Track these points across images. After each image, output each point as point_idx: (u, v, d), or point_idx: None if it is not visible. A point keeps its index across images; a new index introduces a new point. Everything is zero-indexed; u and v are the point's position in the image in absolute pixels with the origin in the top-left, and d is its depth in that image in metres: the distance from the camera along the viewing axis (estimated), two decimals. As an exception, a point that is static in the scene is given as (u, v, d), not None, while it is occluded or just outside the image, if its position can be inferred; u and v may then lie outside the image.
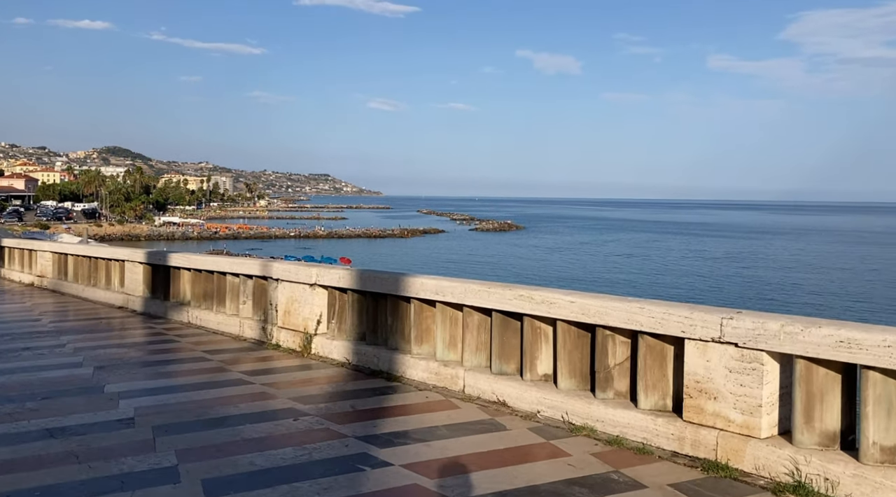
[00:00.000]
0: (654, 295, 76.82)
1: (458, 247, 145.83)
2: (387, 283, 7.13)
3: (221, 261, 9.62)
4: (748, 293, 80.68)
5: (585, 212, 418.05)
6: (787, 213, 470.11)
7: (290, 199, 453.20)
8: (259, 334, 8.89)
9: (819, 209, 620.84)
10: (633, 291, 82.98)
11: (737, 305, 32.93)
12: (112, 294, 12.31)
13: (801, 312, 63.86)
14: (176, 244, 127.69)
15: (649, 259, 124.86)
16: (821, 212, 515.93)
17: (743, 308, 5.07)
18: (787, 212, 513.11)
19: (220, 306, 9.81)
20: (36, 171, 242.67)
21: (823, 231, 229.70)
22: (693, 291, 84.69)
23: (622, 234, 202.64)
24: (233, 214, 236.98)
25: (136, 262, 11.60)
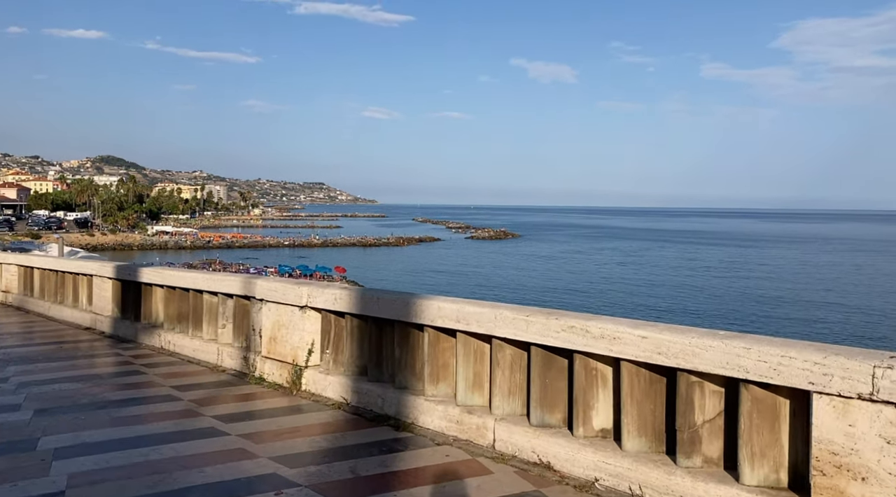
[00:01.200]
0: (647, 306, 75.84)
1: (454, 255, 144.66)
2: (394, 307, 5.81)
3: (198, 277, 8.27)
4: (748, 307, 79.77)
5: (581, 220, 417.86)
6: (782, 221, 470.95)
7: (284, 208, 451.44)
8: (240, 364, 7.55)
9: (814, 217, 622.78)
10: (628, 301, 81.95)
11: (744, 322, 30.78)
12: (79, 313, 10.94)
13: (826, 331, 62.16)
14: (168, 254, 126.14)
15: (643, 267, 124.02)
16: (816, 220, 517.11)
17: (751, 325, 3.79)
18: (782, 220, 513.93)
19: (197, 330, 8.46)
20: (28, 181, 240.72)
21: (823, 239, 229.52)
22: (693, 304, 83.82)
23: (617, 242, 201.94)
24: (227, 223, 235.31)
25: (104, 278, 10.24)
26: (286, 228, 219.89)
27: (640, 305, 79.62)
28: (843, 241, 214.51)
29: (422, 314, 5.54)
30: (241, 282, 7.59)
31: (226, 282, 7.83)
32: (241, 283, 7.59)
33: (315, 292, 6.61)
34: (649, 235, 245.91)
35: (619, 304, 79.91)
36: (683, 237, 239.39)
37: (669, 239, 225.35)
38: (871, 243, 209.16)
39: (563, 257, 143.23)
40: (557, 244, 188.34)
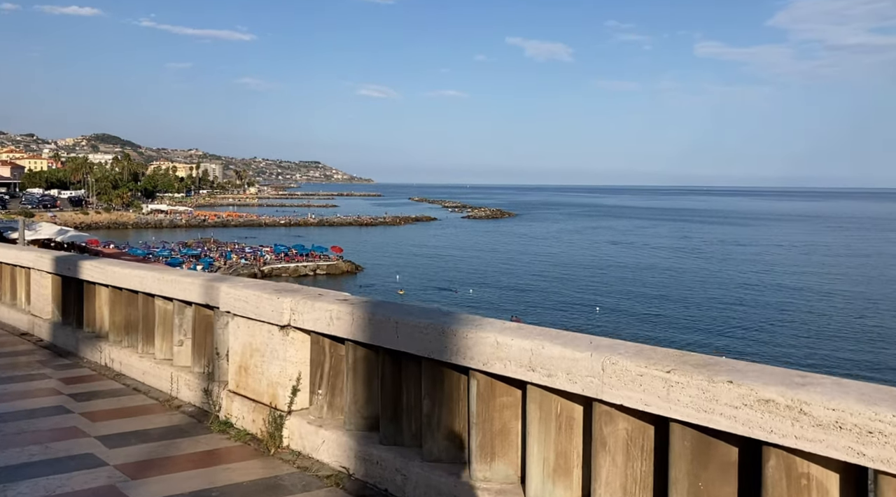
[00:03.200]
0: (634, 293, 73.91)
1: (451, 235, 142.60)
2: (423, 338, 3.75)
3: (148, 277, 6.18)
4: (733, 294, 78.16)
5: (577, 199, 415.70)
6: (776, 199, 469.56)
7: (280, 187, 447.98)
8: (201, 398, 5.51)
9: (807, 195, 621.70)
10: (624, 277, 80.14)
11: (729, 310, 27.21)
12: (17, 314, 8.89)
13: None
14: (163, 232, 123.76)
15: (635, 247, 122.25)
16: (809, 197, 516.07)
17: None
18: (776, 198, 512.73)
19: (148, 345, 6.41)
20: (23, 159, 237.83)
21: (823, 217, 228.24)
22: (678, 290, 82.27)
23: (612, 220, 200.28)
24: (222, 202, 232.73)
25: (42, 272, 8.17)
26: (282, 207, 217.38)
27: (630, 293, 78.03)
28: (843, 220, 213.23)
29: (468, 352, 3.49)
30: (202, 285, 5.52)
31: (181, 283, 5.75)
32: (202, 287, 5.52)
33: (301, 306, 4.55)
34: (644, 214, 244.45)
35: (608, 292, 78.26)
36: (677, 215, 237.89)
37: (663, 217, 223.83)
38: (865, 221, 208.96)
39: (554, 237, 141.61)
40: (552, 223, 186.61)
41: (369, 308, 4.19)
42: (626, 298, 72.14)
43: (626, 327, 58.31)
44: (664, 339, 54.83)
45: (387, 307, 4.21)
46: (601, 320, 61.22)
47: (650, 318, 63.28)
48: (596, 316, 63.10)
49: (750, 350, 50.71)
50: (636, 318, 62.52)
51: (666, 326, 59.13)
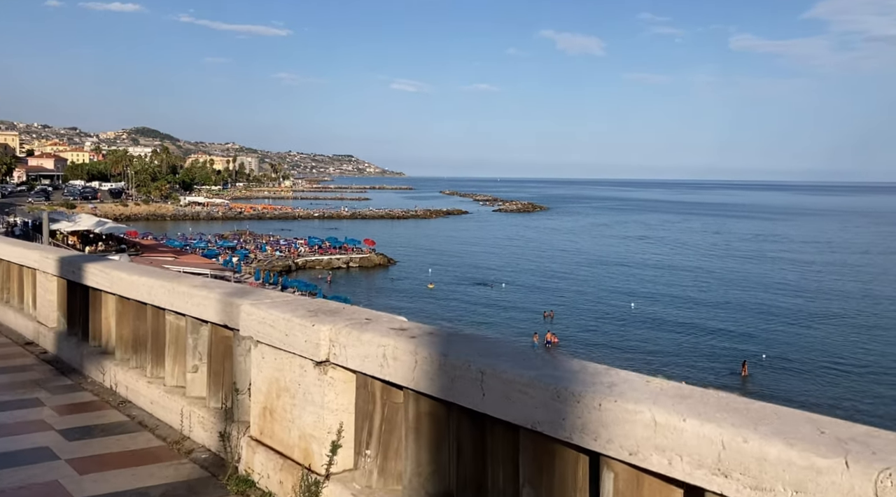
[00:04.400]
0: (658, 294, 71.52)
1: (482, 228, 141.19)
2: (523, 397, 2.55)
3: (157, 286, 5.09)
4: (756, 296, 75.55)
5: (609, 192, 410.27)
6: (812, 194, 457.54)
7: (314, 180, 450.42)
8: (216, 443, 4.41)
9: (844, 190, 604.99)
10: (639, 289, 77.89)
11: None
12: (24, 320, 7.94)
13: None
14: (200, 224, 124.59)
15: (666, 242, 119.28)
16: (846, 192, 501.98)
17: None
18: (812, 192, 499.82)
19: (158, 367, 5.34)
20: (66, 151, 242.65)
21: (862, 213, 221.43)
22: (698, 290, 79.81)
23: (644, 214, 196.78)
24: (258, 195, 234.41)
25: (48, 275, 7.18)
26: (316, 200, 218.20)
27: (664, 288, 75.77)
28: (883, 216, 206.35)
29: (602, 431, 2.28)
30: (219, 301, 4.40)
31: (195, 297, 4.64)
32: (219, 303, 4.40)
33: (345, 337, 3.39)
34: (676, 208, 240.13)
35: (642, 287, 76.25)
36: (710, 210, 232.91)
37: (696, 212, 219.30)
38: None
39: (587, 231, 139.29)
40: (584, 217, 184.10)
41: (440, 346, 3.01)
42: (660, 294, 70.13)
43: (664, 327, 56.46)
44: (708, 346, 52.92)
45: (465, 344, 3.03)
46: (638, 318, 59.40)
47: (686, 315, 61.26)
48: (632, 313, 61.30)
49: (793, 356, 48.60)
50: (673, 317, 60.57)
51: (706, 329, 57.05)
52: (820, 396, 40.60)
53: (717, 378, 44.15)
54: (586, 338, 52.29)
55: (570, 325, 55.82)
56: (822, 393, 41.33)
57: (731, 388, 42.01)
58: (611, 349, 49.48)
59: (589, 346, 50.18)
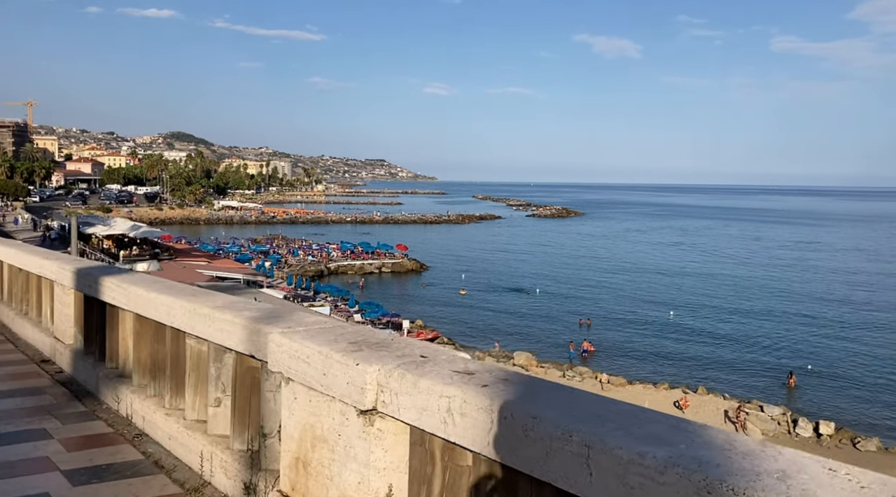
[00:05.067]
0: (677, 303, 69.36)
1: (516, 234, 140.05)
2: (655, 489, 1.84)
3: (177, 306, 4.45)
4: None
5: (644, 197, 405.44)
6: (856, 200, 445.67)
7: (346, 184, 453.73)
8: (240, 494, 3.76)
9: (892, 195, 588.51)
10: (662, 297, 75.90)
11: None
12: (41, 334, 7.43)
13: None
14: (234, 228, 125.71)
15: (703, 248, 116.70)
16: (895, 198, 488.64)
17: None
18: (856, 198, 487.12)
19: (177, 397, 4.71)
20: (103, 156, 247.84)
21: None
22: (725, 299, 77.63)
23: (682, 220, 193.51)
24: (291, 199, 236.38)
25: (65, 287, 6.64)
26: (348, 204, 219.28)
27: (702, 296, 73.93)
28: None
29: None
30: (245, 327, 3.75)
31: (218, 322, 3.99)
32: (245, 329, 3.75)
33: (397, 382, 2.70)
34: (714, 214, 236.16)
35: (680, 295, 74.51)
36: (748, 215, 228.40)
37: (734, 217, 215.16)
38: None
39: (622, 237, 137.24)
40: (619, 222, 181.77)
41: (524, 403, 2.29)
42: (699, 302, 68.45)
43: (705, 337, 54.89)
44: (750, 356, 51.25)
45: (557, 400, 2.31)
46: (677, 327, 57.91)
47: (727, 324, 59.53)
48: (671, 322, 59.81)
49: (840, 368, 46.77)
50: (713, 326, 58.90)
51: (748, 339, 55.31)
52: (870, 409, 38.91)
53: (763, 389, 42.64)
54: (624, 347, 51.03)
55: (607, 333, 54.60)
56: (873, 405, 39.61)
57: (779, 398, 40.48)
58: (651, 359, 48.20)
59: (627, 355, 48.94)
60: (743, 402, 38.83)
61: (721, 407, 38.37)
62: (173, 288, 4.94)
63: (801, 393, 42.66)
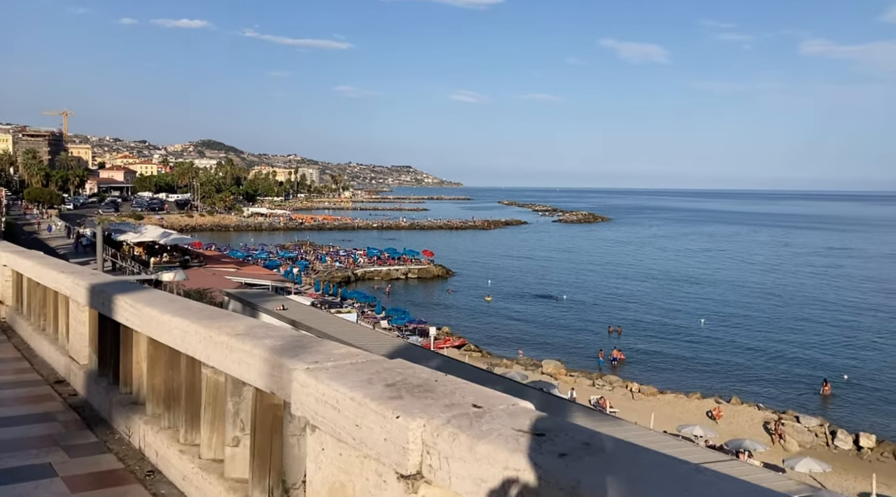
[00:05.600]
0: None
1: (542, 239, 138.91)
2: None
3: (192, 332, 4.00)
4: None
5: (672, 203, 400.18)
6: (890, 204, 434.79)
7: (373, 191, 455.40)
8: (261, 550, 3.28)
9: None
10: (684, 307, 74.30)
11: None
12: (57, 353, 7.07)
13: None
14: (263, 235, 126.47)
15: (734, 255, 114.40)
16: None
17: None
18: (890, 202, 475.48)
19: (192, 431, 4.26)
20: (135, 164, 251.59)
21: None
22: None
23: (712, 226, 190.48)
24: (318, 205, 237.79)
25: (80, 304, 6.26)
26: (375, 211, 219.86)
27: (732, 304, 72.31)
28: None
29: None
30: (265, 360, 3.28)
31: (236, 352, 3.53)
32: (265, 362, 3.28)
33: (448, 443, 2.20)
34: (744, 219, 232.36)
35: (710, 303, 73.03)
36: (780, 221, 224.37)
37: (765, 223, 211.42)
38: None
39: (650, 243, 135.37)
40: (646, 228, 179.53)
41: (622, 484, 1.76)
42: (730, 309, 67.01)
43: (736, 344, 53.57)
44: (783, 364, 49.87)
45: (672, 478, 1.77)
46: (708, 335, 56.63)
47: (759, 331, 58.09)
48: (701, 329, 58.54)
49: (877, 378, 45.22)
50: (744, 333, 57.50)
51: (780, 347, 53.83)
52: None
53: (797, 399, 41.37)
54: (654, 355, 49.96)
55: (636, 341, 53.53)
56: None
57: (813, 408, 39.16)
58: (681, 368, 47.12)
59: (657, 363, 47.90)
60: (778, 412, 37.67)
61: (755, 417, 37.27)
62: (190, 309, 4.50)
63: (837, 403, 41.32)
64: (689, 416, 36.74)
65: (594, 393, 39.36)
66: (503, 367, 42.01)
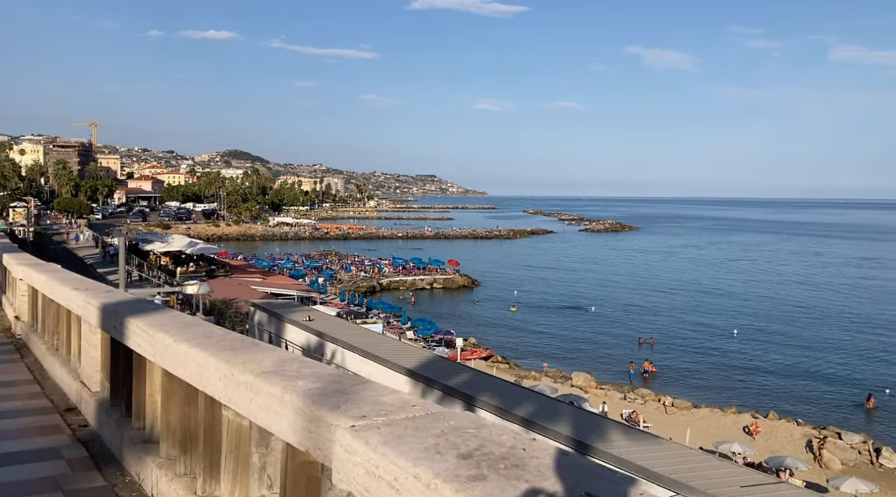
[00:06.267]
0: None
1: (569, 249, 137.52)
2: None
3: (211, 366, 3.38)
4: None
5: (702, 211, 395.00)
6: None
7: (398, 200, 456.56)
8: None
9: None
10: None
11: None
12: (69, 377, 6.50)
13: None
14: (288, 244, 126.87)
15: (764, 264, 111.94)
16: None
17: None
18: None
19: (211, 481, 3.64)
20: (163, 174, 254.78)
21: None
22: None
23: (744, 235, 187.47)
24: (343, 215, 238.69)
25: (91, 326, 5.69)
26: (400, 220, 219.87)
27: (764, 317, 70.51)
28: None
29: None
30: (298, 409, 2.64)
31: (262, 395, 2.90)
32: (298, 412, 2.64)
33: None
34: (774, 228, 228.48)
35: (741, 314, 71.35)
36: (811, 230, 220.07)
37: (795, 232, 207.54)
38: None
39: (680, 252, 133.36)
40: (675, 237, 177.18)
41: None
42: (762, 321, 65.37)
43: (771, 356, 52.02)
44: (821, 378, 48.27)
45: None
46: (741, 346, 55.15)
47: (793, 343, 56.43)
48: (734, 340, 57.09)
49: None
50: (778, 345, 55.88)
51: (817, 359, 52.18)
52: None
53: (838, 414, 39.87)
54: (685, 368, 48.68)
55: (667, 353, 52.25)
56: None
57: (857, 424, 37.67)
58: (715, 381, 45.80)
59: (689, 376, 46.63)
60: (819, 428, 36.29)
61: (794, 433, 35.91)
62: (209, 337, 3.89)
63: (881, 418, 39.76)
64: (725, 431, 35.55)
65: (626, 407, 38.30)
66: (531, 379, 41.13)
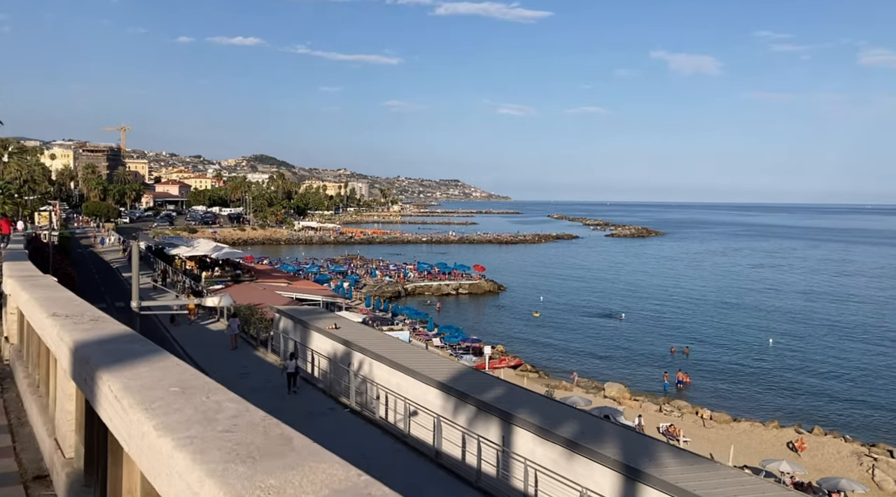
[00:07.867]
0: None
1: (595, 254, 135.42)
2: None
3: (206, 491, 2.09)
4: None
5: (728, 217, 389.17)
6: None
7: (421, 205, 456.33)
8: None
9: None
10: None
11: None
12: (43, 428, 5.26)
13: None
14: (313, 248, 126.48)
15: (798, 271, 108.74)
16: None
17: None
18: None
19: None
20: (190, 178, 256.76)
21: None
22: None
23: (772, 241, 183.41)
24: (367, 219, 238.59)
25: (65, 373, 4.44)
26: (424, 224, 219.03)
27: (799, 326, 67.96)
28: None
29: None
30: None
31: None
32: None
33: None
34: (802, 234, 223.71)
35: (774, 324, 68.88)
36: (839, 235, 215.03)
37: (823, 237, 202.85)
38: None
39: (709, 259, 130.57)
40: (702, 243, 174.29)
41: None
42: (798, 329, 63.06)
43: (809, 366, 49.84)
44: (861, 389, 46.01)
45: None
46: (778, 356, 52.98)
47: (832, 353, 54.15)
48: (770, 350, 54.90)
49: None
50: (816, 354, 53.66)
51: (858, 369, 49.89)
52: None
53: (889, 429, 37.73)
54: (719, 378, 46.73)
55: (700, 362, 50.30)
56: None
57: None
58: (753, 393, 43.83)
59: (724, 387, 44.67)
60: (868, 445, 34.28)
61: (842, 450, 33.87)
62: (213, 422, 2.57)
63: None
64: (767, 447, 33.71)
65: (662, 419, 36.62)
66: (563, 389, 39.62)
